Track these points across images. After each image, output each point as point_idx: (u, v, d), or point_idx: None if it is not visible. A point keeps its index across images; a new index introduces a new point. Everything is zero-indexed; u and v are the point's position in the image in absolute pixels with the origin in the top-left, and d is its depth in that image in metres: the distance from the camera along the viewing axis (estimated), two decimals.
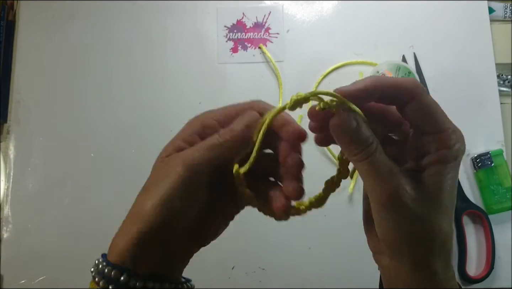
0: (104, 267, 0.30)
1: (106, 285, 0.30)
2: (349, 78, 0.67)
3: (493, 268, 0.60)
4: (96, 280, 0.31)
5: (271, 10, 0.71)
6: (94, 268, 0.32)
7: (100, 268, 0.31)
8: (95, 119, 0.68)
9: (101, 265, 0.31)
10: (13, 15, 0.72)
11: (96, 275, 0.31)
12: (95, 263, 0.32)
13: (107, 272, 0.30)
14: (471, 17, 0.69)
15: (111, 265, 0.30)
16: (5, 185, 0.66)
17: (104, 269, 0.30)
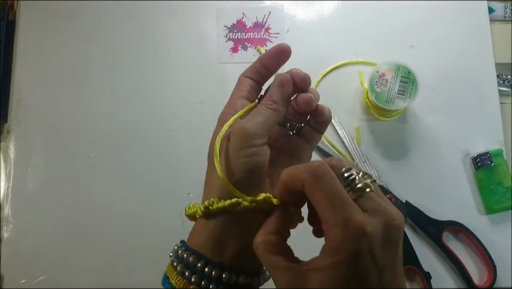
0: (183, 252, 0.32)
1: (183, 270, 0.31)
2: (349, 78, 0.68)
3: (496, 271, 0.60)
4: (174, 264, 0.32)
5: (271, 10, 0.71)
6: (173, 253, 0.33)
7: (180, 253, 0.32)
8: (95, 119, 0.68)
9: (180, 250, 0.32)
10: (13, 15, 0.72)
11: (175, 260, 0.32)
12: (174, 248, 0.33)
13: (185, 257, 0.31)
14: (471, 17, 0.69)
15: (190, 250, 0.32)
16: (6, 185, 0.66)
17: (183, 254, 0.31)
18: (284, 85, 0.34)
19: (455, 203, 0.64)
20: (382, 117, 0.65)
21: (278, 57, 0.35)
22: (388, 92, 0.61)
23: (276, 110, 0.33)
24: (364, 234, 0.25)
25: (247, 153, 0.31)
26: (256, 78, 0.36)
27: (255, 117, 0.32)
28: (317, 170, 0.27)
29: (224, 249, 0.31)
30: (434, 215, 0.62)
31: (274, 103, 0.33)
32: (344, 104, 0.67)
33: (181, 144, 0.66)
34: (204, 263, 0.31)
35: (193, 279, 0.31)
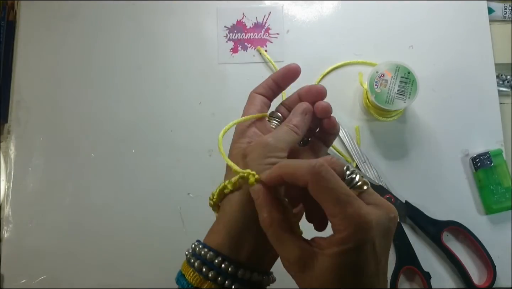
0: (201, 250, 0.34)
1: (200, 266, 0.33)
2: (349, 78, 0.68)
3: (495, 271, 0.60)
4: (192, 261, 0.34)
5: (271, 10, 0.71)
6: (190, 251, 0.35)
7: (197, 250, 0.34)
8: (95, 119, 0.68)
9: (197, 248, 0.34)
10: (13, 15, 0.72)
11: (192, 257, 0.34)
12: (192, 246, 0.35)
13: (203, 254, 0.33)
14: (470, 17, 0.69)
15: (208, 247, 0.34)
16: (6, 185, 0.66)
17: (201, 251, 0.34)
18: (307, 114, 0.38)
19: (454, 203, 0.64)
20: (382, 118, 0.65)
21: (288, 77, 0.40)
22: (387, 93, 0.61)
23: (296, 132, 0.37)
24: (371, 225, 0.28)
25: (269, 161, 0.34)
26: (268, 95, 0.40)
27: (279, 134, 0.36)
28: (320, 170, 0.29)
29: (240, 248, 0.34)
30: (433, 215, 0.62)
31: (296, 127, 0.37)
32: (344, 104, 0.67)
33: (181, 144, 0.66)
34: (221, 260, 0.33)
35: (210, 275, 0.32)
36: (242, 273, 0.33)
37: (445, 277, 0.62)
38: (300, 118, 0.37)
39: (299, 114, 0.38)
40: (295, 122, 0.37)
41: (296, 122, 0.37)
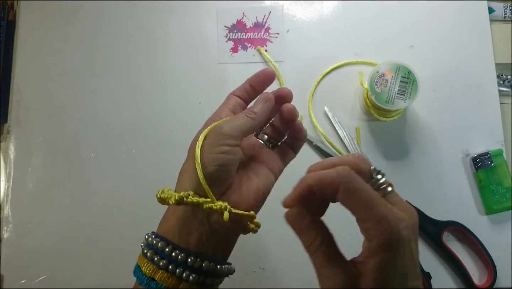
0: (153, 240, 0.34)
1: (152, 255, 0.34)
2: (349, 78, 0.68)
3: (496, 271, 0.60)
4: (145, 251, 0.35)
5: (271, 10, 0.71)
6: (144, 242, 0.36)
7: (150, 240, 0.35)
8: (95, 119, 0.68)
9: (150, 238, 0.35)
10: (13, 15, 0.72)
11: (145, 247, 0.35)
12: (145, 237, 0.36)
13: (155, 243, 0.34)
14: (471, 17, 0.69)
15: (159, 237, 0.34)
16: (5, 185, 0.66)
17: (153, 241, 0.34)
18: (267, 101, 0.39)
19: (455, 203, 0.64)
20: (382, 118, 0.65)
21: (264, 81, 0.41)
22: (388, 93, 0.61)
23: (253, 119, 0.37)
24: (405, 226, 0.27)
25: (220, 150, 0.35)
26: (243, 96, 0.42)
27: (233, 121, 0.37)
28: (349, 175, 0.28)
29: (189, 235, 0.34)
30: (434, 215, 0.62)
31: (254, 113, 0.38)
32: (344, 104, 0.67)
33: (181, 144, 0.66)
34: (172, 248, 0.33)
35: (161, 263, 0.33)
36: (193, 261, 0.33)
37: (446, 277, 0.62)
38: (260, 106, 0.39)
39: (259, 102, 0.39)
40: (254, 109, 0.38)
41: (256, 109, 0.38)
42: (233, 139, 0.36)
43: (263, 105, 0.39)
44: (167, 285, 0.33)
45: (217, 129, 0.36)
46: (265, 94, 0.40)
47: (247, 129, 0.37)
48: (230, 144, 0.36)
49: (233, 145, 0.36)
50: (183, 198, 0.34)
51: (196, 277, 0.33)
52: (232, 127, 0.36)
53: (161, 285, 0.33)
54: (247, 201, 0.37)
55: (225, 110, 0.40)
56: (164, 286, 0.33)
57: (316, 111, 0.66)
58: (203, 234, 0.34)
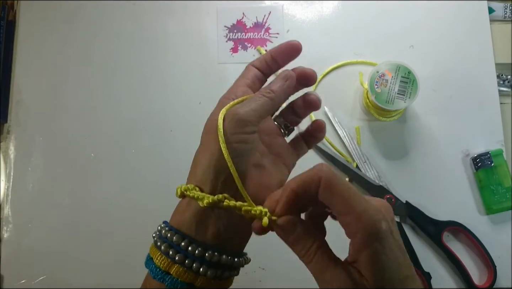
0: (167, 232, 0.32)
1: (167, 249, 0.31)
2: (349, 78, 0.68)
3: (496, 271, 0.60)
4: (158, 244, 0.32)
5: (271, 10, 0.71)
6: (157, 233, 0.33)
7: (163, 233, 0.32)
8: (95, 119, 0.68)
9: (163, 230, 0.32)
10: (13, 15, 0.72)
11: (158, 240, 0.32)
12: (158, 228, 0.33)
13: (169, 236, 0.31)
14: (471, 17, 0.69)
15: (174, 230, 0.32)
16: (5, 185, 0.66)
17: (167, 233, 0.32)
18: (288, 79, 0.35)
19: (455, 203, 0.64)
20: (382, 118, 0.65)
21: (288, 53, 0.37)
22: (388, 93, 0.61)
23: (272, 99, 0.33)
24: (383, 217, 0.27)
25: (236, 138, 0.31)
26: (263, 69, 0.37)
27: (250, 104, 0.33)
28: (328, 171, 0.28)
29: (206, 228, 0.32)
30: (434, 215, 0.62)
31: (272, 92, 0.34)
32: (344, 104, 0.67)
33: (181, 144, 0.66)
34: (188, 242, 0.31)
35: (177, 258, 0.31)
36: (210, 255, 0.31)
37: (446, 277, 0.62)
38: (280, 84, 0.34)
39: (279, 80, 0.35)
40: (273, 88, 0.34)
41: (274, 88, 0.34)
42: (250, 126, 0.32)
43: (283, 84, 0.34)
44: (183, 280, 0.31)
45: (232, 114, 0.32)
46: (286, 72, 0.35)
47: (265, 112, 0.33)
48: (248, 131, 0.32)
49: (251, 132, 0.32)
50: (218, 201, 0.31)
51: (213, 271, 0.31)
52: (248, 112, 0.32)
53: (177, 279, 0.31)
54: (260, 196, 0.33)
55: (241, 86, 0.36)
56: (180, 281, 0.31)
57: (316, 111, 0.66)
58: (220, 227, 0.32)
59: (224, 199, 0.31)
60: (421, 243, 0.63)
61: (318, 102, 0.36)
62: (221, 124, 0.32)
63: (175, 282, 0.31)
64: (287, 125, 0.38)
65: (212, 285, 0.32)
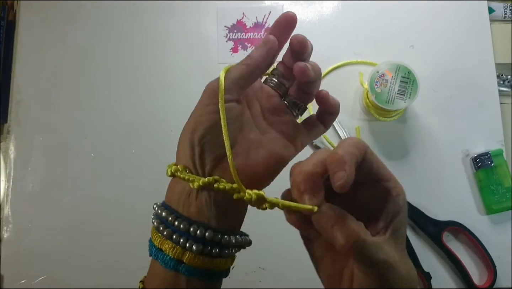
0: (158, 208, 0.32)
1: (158, 225, 0.32)
2: (349, 78, 0.68)
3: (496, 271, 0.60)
4: (153, 222, 0.33)
5: (271, 10, 0.71)
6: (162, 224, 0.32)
7: (156, 210, 0.33)
8: (95, 119, 0.68)
9: (157, 207, 0.33)
10: (13, 15, 0.72)
11: (154, 217, 0.33)
12: (153, 207, 0.33)
13: (159, 212, 0.32)
14: (471, 17, 0.69)
15: (164, 206, 0.32)
16: (5, 185, 0.66)
17: (158, 210, 0.32)
18: (267, 44, 0.33)
19: (455, 203, 0.64)
20: (382, 118, 0.65)
21: (284, 26, 0.35)
22: (388, 93, 0.61)
23: (248, 65, 0.32)
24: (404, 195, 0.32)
25: (211, 109, 0.31)
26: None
27: (228, 74, 0.32)
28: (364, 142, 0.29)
29: (190, 205, 0.32)
30: (434, 215, 0.62)
31: (250, 59, 0.33)
32: (344, 104, 0.67)
33: None
34: (174, 217, 0.31)
35: (165, 233, 0.31)
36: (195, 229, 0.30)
37: (446, 277, 0.62)
38: (258, 50, 0.33)
39: (258, 46, 0.33)
40: (251, 54, 0.33)
41: (252, 54, 0.33)
42: (227, 94, 0.31)
43: (261, 49, 0.33)
44: (172, 256, 0.31)
45: (207, 87, 0.32)
46: (266, 37, 0.34)
47: (243, 79, 0.32)
48: (226, 99, 0.31)
49: (226, 100, 0.31)
50: (208, 183, 0.30)
51: (199, 246, 0.30)
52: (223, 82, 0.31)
53: (167, 256, 0.31)
54: (252, 167, 0.32)
55: None
56: (170, 257, 0.31)
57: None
58: (203, 204, 0.31)
59: (215, 181, 0.31)
60: (421, 243, 0.63)
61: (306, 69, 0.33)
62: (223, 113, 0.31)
63: (165, 258, 0.31)
64: (296, 103, 0.36)
65: (201, 263, 0.31)
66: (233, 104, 0.32)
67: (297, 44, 0.34)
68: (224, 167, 0.31)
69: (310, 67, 0.33)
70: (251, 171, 0.32)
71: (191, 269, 0.31)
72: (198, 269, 0.31)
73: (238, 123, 0.33)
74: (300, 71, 0.33)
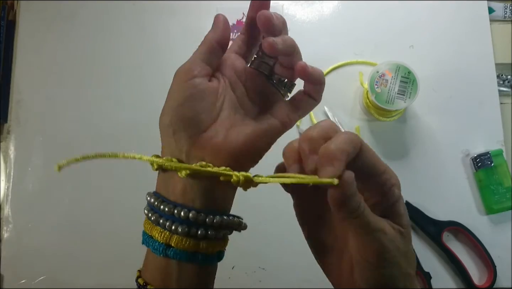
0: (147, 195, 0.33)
1: (148, 212, 0.32)
2: (349, 78, 0.68)
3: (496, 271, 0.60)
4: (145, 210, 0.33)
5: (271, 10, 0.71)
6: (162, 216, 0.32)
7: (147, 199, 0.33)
8: (95, 119, 0.68)
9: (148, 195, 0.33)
10: (13, 15, 0.72)
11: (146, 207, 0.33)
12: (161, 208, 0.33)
13: (148, 198, 0.33)
14: (471, 17, 0.69)
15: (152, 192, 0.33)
16: (5, 185, 0.66)
17: (147, 196, 0.33)
18: (215, 20, 0.37)
19: (455, 203, 0.64)
20: (382, 118, 0.65)
21: (257, 8, 0.36)
22: (388, 93, 0.61)
23: (203, 43, 0.36)
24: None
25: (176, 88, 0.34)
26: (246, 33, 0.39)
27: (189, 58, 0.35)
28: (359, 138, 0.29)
29: (174, 188, 0.32)
30: (434, 215, 0.62)
31: (204, 37, 0.36)
32: (344, 104, 0.67)
33: None
34: (160, 201, 0.32)
35: (153, 218, 0.32)
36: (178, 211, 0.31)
37: (446, 277, 0.62)
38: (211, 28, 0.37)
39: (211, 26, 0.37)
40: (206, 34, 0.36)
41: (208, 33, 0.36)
42: (190, 72, 0.34)
43: (212, 27, 0.37)
44: (161, 240, 0.31)
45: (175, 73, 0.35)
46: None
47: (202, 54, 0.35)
48: (188, 79, 0.33)
49: (192, 77, 0.33)
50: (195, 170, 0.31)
51: (184, 227, 0.30)
52: (186, 63, 0.35)
53: (156, 242, 0.31)
54: (232, 144, 0.32)
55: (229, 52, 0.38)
56: (159, 243, 0.31)
57: (316, 111, 0.66)
58: (187, 186, 0.31)
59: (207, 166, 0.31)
60: (421, 243, 0.63)
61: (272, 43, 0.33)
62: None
63: (155, 244, 0.32)
64: (281, 80, 0.37)
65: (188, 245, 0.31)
66: (199, 80, 0.33)
67: (262, 19, 0.34)
68: (202, 144, 0.32)
69: (279, 41, 0.33)
70: (231, 148, 0.32)
71: (178, 252, 0.31)
72: (186, 252, 0.31)
73: (211, 98, 0.33)
74: (267, 46, 0.33)
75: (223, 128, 0.33)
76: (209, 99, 0.33)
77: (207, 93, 0.33)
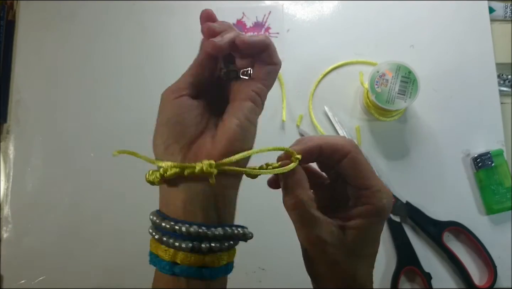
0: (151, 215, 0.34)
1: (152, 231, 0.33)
2: (350, 77, 0.68)
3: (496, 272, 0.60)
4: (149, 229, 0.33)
5: (271, 10, 0.71)
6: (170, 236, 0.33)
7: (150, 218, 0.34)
8: (95, 119, 0.68)
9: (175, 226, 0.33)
10: (13, 15, 0.72)
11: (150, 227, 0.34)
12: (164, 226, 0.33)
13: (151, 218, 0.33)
14: (471, 17, 0.69)
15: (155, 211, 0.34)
16: (5, 185, 0.66)
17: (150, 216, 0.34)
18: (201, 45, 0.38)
19: (455, 203, 0.64)
20: (382, 117, 0.65)
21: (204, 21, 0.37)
22: (388, 92, 0.61)
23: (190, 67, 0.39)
24: (391, 201, 0.32)
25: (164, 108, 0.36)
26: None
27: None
28: (357, 146, 0.32)
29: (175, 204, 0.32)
30: (434, 215, 0.62)
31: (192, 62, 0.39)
32: (344, 104, 0.67)
33: None
34: (161, 219, 0.32)
35: (157, 236, 0.32)
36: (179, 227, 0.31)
37: (446, 278, 0.62)
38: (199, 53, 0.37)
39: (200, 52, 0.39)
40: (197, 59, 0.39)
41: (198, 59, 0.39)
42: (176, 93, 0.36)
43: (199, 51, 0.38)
44: (167, 258, 0.31)
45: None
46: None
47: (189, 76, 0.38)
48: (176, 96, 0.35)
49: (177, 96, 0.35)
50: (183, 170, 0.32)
51: (187, 243, 0.30)
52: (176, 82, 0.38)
53: (162, 261, 0.31)
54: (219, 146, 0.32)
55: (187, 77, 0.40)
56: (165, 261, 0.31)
57: (316, 111, 0.66)
58: (186, 201, 0.32)
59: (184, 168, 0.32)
60: (421, 243, 0.63)
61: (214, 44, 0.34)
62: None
63: (160, 262, 0.31)
64: (226, 72, 0.38)
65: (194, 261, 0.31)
66: (184, 98, 0.35)
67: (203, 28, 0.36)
68: (194, 152, 0.33)
69: (218, 38, 0.34)
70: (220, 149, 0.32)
71: (185, 268, 0.31)
72: (193, 268, 0.31)
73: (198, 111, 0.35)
74: (212, 48, 0.34)
75: (210, 137, 0.34)
76: (196, 112, 0.35)
77: (194, 108, 0.35)
